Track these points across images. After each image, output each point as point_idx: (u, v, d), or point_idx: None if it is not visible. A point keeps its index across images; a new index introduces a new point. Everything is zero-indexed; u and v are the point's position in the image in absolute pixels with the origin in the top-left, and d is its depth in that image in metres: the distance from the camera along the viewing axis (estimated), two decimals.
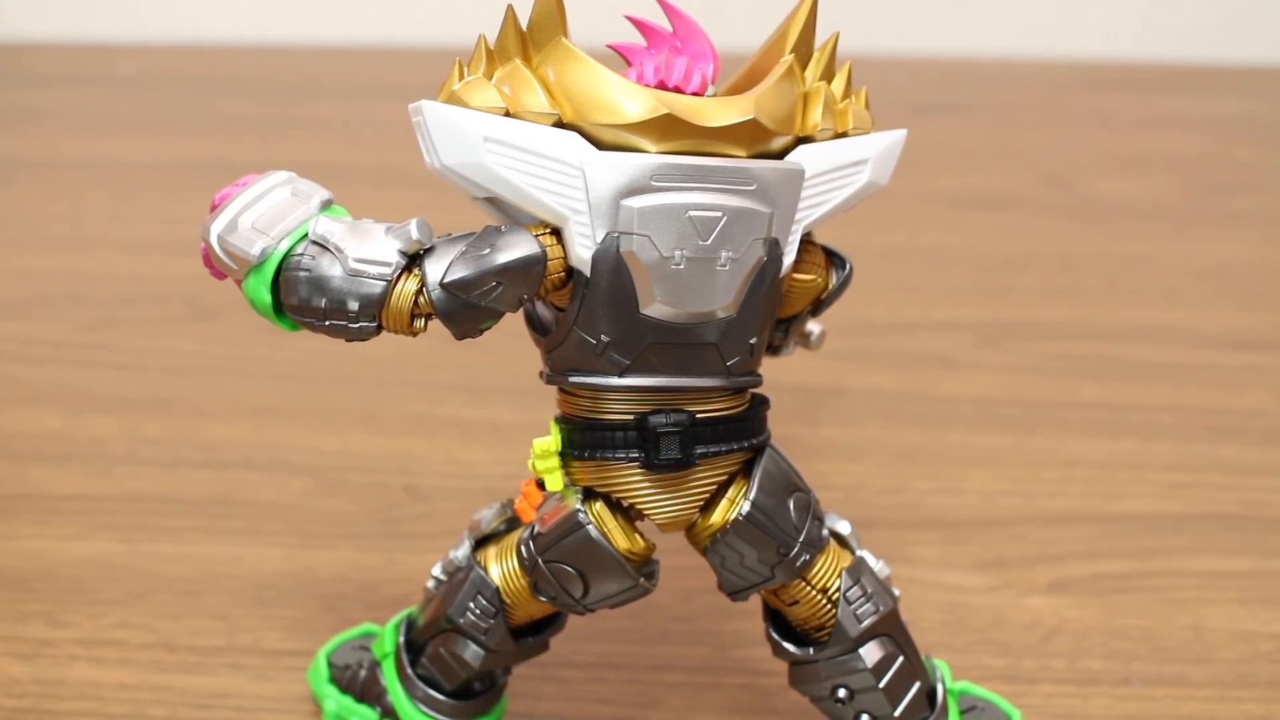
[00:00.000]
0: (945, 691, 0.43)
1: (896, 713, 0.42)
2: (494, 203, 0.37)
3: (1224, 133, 1.15)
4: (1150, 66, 1.31)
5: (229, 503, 0.61)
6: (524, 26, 0.36)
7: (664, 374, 0.37)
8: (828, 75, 0.39)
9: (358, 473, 0.63)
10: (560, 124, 0.35)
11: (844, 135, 0.39)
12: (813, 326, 0.44)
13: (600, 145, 0.35)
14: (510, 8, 0.36)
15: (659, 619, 0.53)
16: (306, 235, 0.36)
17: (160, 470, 0.63)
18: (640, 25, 0.37)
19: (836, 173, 0.38)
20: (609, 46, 0.37)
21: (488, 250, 0.35)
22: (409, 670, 0.44)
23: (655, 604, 0.52)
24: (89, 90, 1.21)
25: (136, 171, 1.02)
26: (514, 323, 0.39)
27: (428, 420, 0.68)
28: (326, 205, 0.37)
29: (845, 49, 0.39)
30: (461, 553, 0.43)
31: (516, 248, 0.35)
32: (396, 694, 0.44)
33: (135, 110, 1.16)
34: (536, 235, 0.36)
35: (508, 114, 0.35)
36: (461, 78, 0.36)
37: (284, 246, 0.36)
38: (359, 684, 0.45)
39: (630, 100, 0.35)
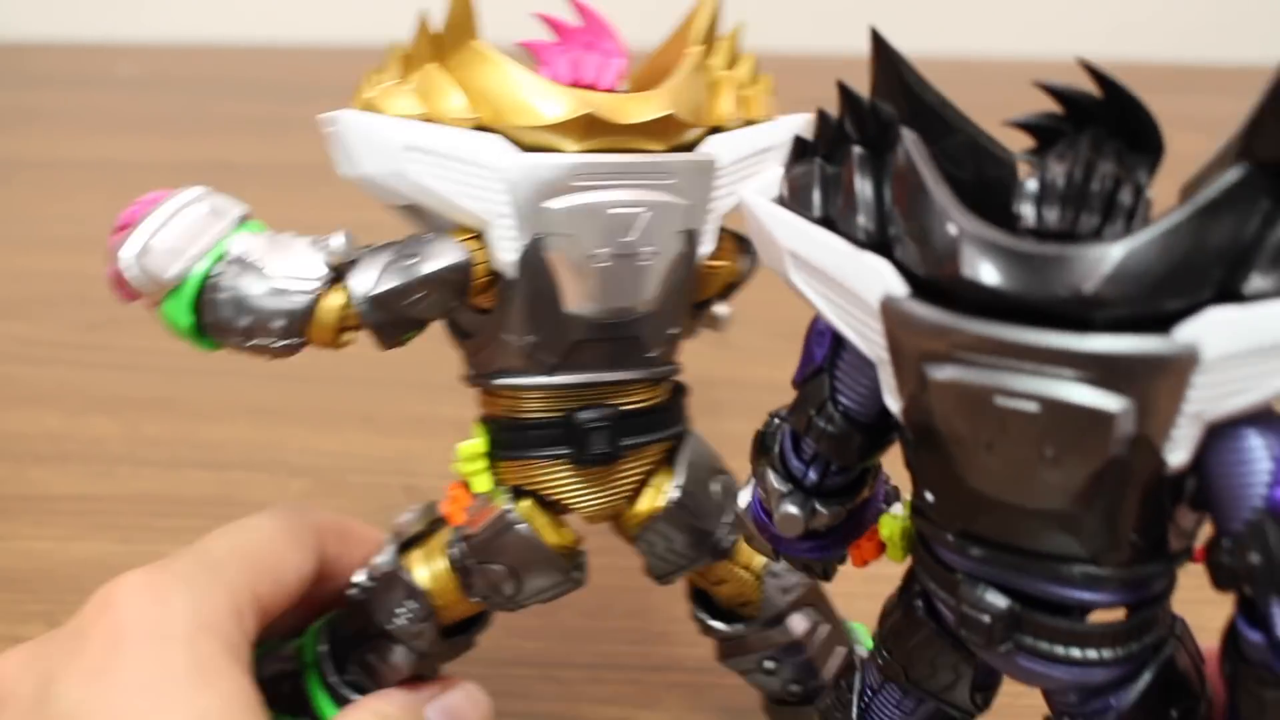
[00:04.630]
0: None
1: (823, 679, 0.43)
2: (413, 210, 0.37)
3: (1224, 133, 1.15)
4: (1150, 66, 1.32)
5: (229, 503, 0.61)
6: (437, 31, 0.35)
7: (589, 370, 0.37)
8: (730, 65, 0.39)
9: (357, 473, 0.63)
10: (480, 127, 0.35)
11: (753, 122, 0.38)
12: (721, 310, 0.44)
13: (522, 147, 0.35)
14: (421, 16, 0.36)
15: (659, 619, 0.53)
16: (224, 254, 0.35)
17: (160, 470, 0.63)
18: (551, 22, 0.37)
19: (748, 160, 0.38)
20: (519, 45, 0.37)
21: (415, 259, 0.35)
22: (333, 677, 0.42)
23: (655, 604, 0.52)
24: (89, 90, 1.21)
25: (136, 171, 1.02)
26: None
27: (427, 420, 0.68)
28: (244, 221, 0.36)
29: (845, 50, 0.39)
30: (385, 558, 0.42)
31: (443, 255, 0.35)
32: (321, 703, 0.42)
33: (135, 110, 1.16)
34: (461, 240, 0.35)
35: (426, 119, 0.35)
36: (374, 86, 0.36)
37: (202, 267, 0.35)
38: (284, 697, 0.43)
39: (548, 101, 0.35)
